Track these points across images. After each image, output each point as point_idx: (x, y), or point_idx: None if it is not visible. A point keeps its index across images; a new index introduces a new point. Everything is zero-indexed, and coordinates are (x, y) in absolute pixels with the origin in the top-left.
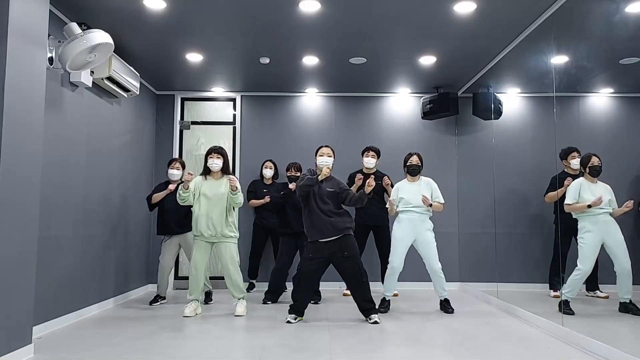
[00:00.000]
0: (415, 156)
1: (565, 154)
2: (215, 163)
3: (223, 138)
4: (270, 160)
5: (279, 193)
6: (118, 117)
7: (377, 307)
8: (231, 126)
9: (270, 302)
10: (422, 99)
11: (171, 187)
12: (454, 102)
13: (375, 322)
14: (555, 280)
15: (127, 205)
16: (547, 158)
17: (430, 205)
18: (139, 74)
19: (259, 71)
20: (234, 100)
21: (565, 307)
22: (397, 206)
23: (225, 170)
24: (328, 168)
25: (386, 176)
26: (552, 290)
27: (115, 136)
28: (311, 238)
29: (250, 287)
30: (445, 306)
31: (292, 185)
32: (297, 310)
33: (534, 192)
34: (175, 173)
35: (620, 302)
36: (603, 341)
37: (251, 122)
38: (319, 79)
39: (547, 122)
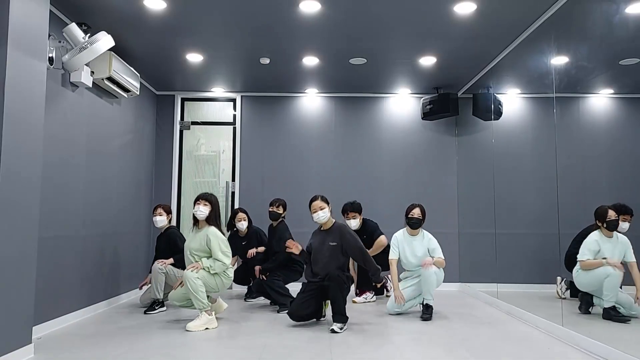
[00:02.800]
0: (417, 209)
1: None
2: (200, 211)
3: (223, 138)
4: (241, 209)
5: (258, 244)
6: (118, 118)
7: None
8: (231, 126)
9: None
10: (422, 99)
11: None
12: (454, 102)
13: (333, 331)
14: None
15: (127, 205)
16: (547, 158)
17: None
18: (139, 74)
19: (259, 71)
20: (234, 100)
21: (614, 314)
22: (400, 261)
23: (210, 220)
24: (297, 247)
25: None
26: (564, 285)
27: (116, 136)
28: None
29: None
30: (425, 312)
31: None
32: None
33: (533, 192)
34: (158, 219)
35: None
36: (603, 341)
37: (251, 123)
38: (319, 79)
39: (547, 123)
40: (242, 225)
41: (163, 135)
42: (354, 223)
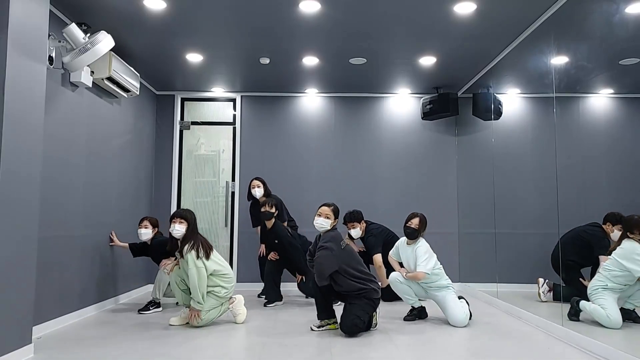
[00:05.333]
0: (416, 219)
1: (616, 221)
2: (177, 230)
3: (223, 138)
4: (257, 177)
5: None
6: (118, 117)
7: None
8: (231, 126)
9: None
10: (422, 99)
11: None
12: (454, 102)
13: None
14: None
15: (127, 205)
16: (547, 158)
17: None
18: (139, 74)
19: (259, 71)
20: (234, 100)
21: (572, 312)
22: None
23: (185, 239)
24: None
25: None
26: (546, 286)
27: (115, 136)
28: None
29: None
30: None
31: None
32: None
33: (533, 192)
34: (143, 232)
35: (622, 308)
36: (603, 341)
37: (251, 123)
38: (319, 79)
39: (547, 123)
40: (258, 192)
41: (163, 135)
42: (354, 233)
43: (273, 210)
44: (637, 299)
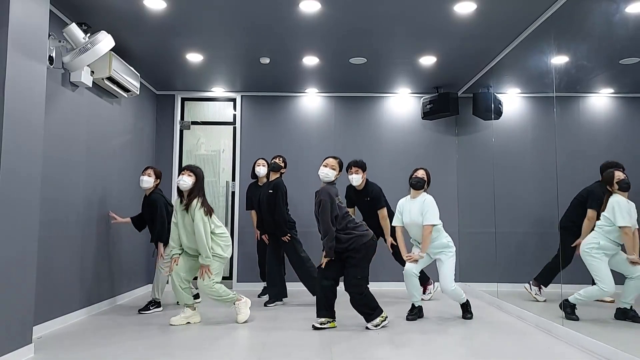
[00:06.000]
0: (421, 170)
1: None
2: (184, 181)
3: (223, 138)
4: (263, 158)
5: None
6: (118, 117)
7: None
8: (231, 126)
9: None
10: (422, 99)
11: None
12: (454, 102)
13: (367, 328)
14: (546, 279)
15: (127, 205)
16: (547, 158)
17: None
18: (139, 74)
19: (259, 71)
20: (234, 100)
21: (569, 312)
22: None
23: (192, 193)
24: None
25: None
26: (534, 287)
27: (116, 136)
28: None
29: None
30: (464, 311)
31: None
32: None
33: (534, 192)
34: (145, 180)
35: (618, 308)
36: (603, 341)
37: (251, 122)
38: (319, 79)
39: (547, 122)
40: (261, 171)
41: (163, 135)
42: (356, 178)
43: (282, 164)
44: (629, 295)
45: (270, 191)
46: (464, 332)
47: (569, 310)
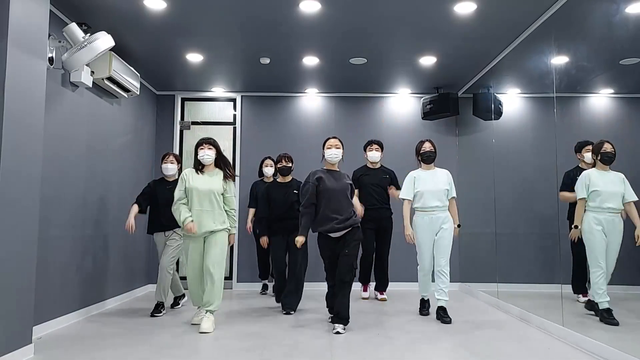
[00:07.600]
0: (428, 143)
1: (579, 147)
2: (207, 155)
3: (223, 138)
4: (270, 158)
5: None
6: (118, 117)
7: (421, 310)
8: (231, 126)
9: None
10: (422, 99)
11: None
12: (454, 102)
13: (338, 333)
14: (580, 283)
15: (127, 205)
16: (547, 158)
17: (459, 225)
18: (139, 74)
19: (259, 71)
20: (234, 100)
21: (607, 316)
22: (415, 200)
23: (217, 163)
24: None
25: (392, 187)
26: (580, 295)
27: (116, 136)
28: (321, 231)
29: (264, 289)
30: (442, 315)
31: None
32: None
33: (534, 192)
34: (170, 167)
35: (589, 300)
36: (603, 341)
37: (251, 123)
38: (319, 79)
39: (547, 123)
40: (268, 171)
41: (163, 135)
42: (377, 155)
43: (290, 165)
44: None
45: (295, 191)
46: (465, 332)
47: (605, 314)
